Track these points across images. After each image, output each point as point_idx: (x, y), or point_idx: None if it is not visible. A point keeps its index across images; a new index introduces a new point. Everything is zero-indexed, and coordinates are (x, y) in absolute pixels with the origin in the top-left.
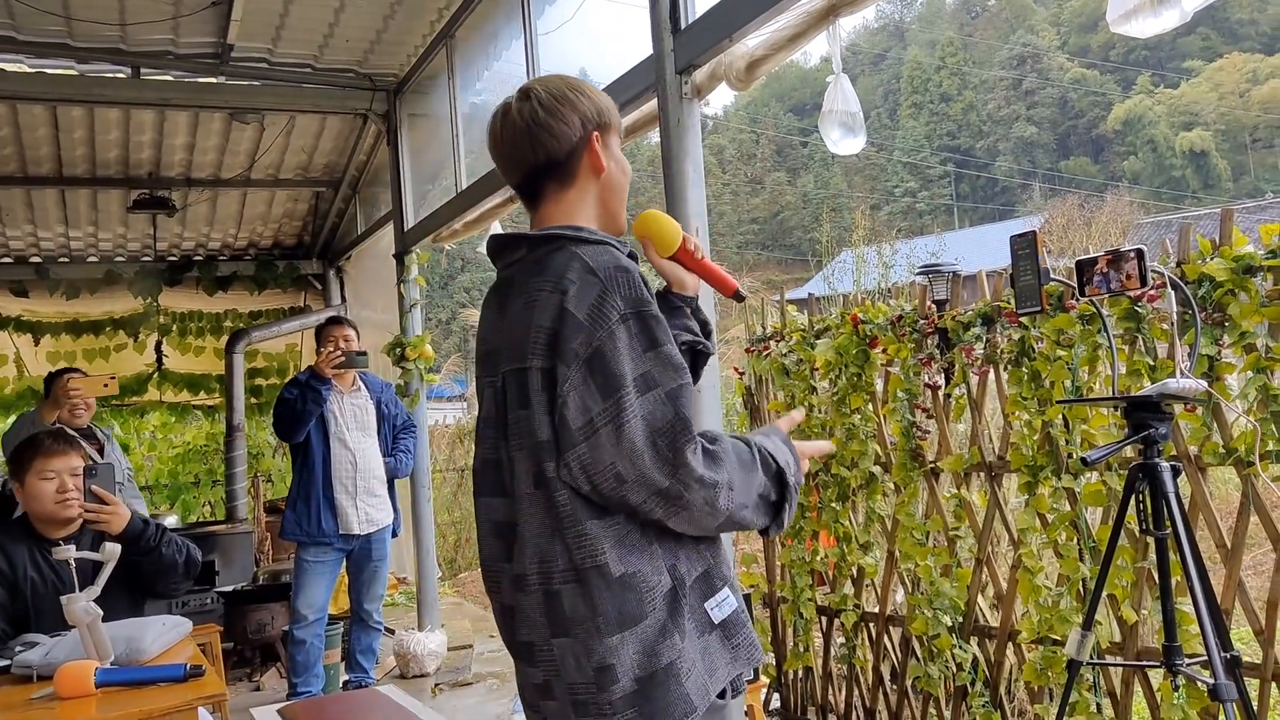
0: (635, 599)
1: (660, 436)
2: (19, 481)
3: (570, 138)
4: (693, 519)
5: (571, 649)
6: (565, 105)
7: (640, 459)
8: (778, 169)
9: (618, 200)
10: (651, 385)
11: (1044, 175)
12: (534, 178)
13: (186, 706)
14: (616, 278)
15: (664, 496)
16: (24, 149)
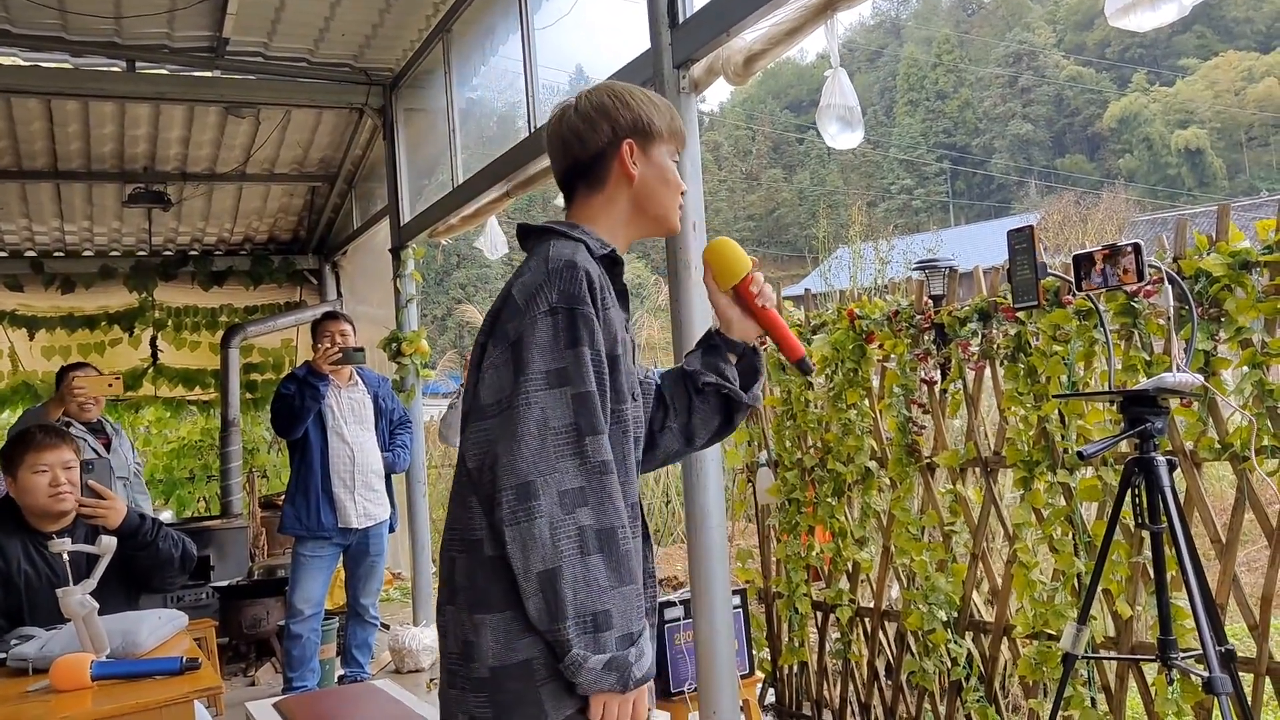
0: (501, 587)
1: (551, 434)
2: (11, 476)
3: (597, 144)
4: (519, 538)
5: (454, 617)
6: (600, 113)
7: (520, 447)
8: (774, 166)
9: (658, 206)
10: (562, 382)
11: (1040, 173)
12: (565, 179)
13: (182, 699)
14: (561, 271)
15: (523, 491)
16: (19, 143)
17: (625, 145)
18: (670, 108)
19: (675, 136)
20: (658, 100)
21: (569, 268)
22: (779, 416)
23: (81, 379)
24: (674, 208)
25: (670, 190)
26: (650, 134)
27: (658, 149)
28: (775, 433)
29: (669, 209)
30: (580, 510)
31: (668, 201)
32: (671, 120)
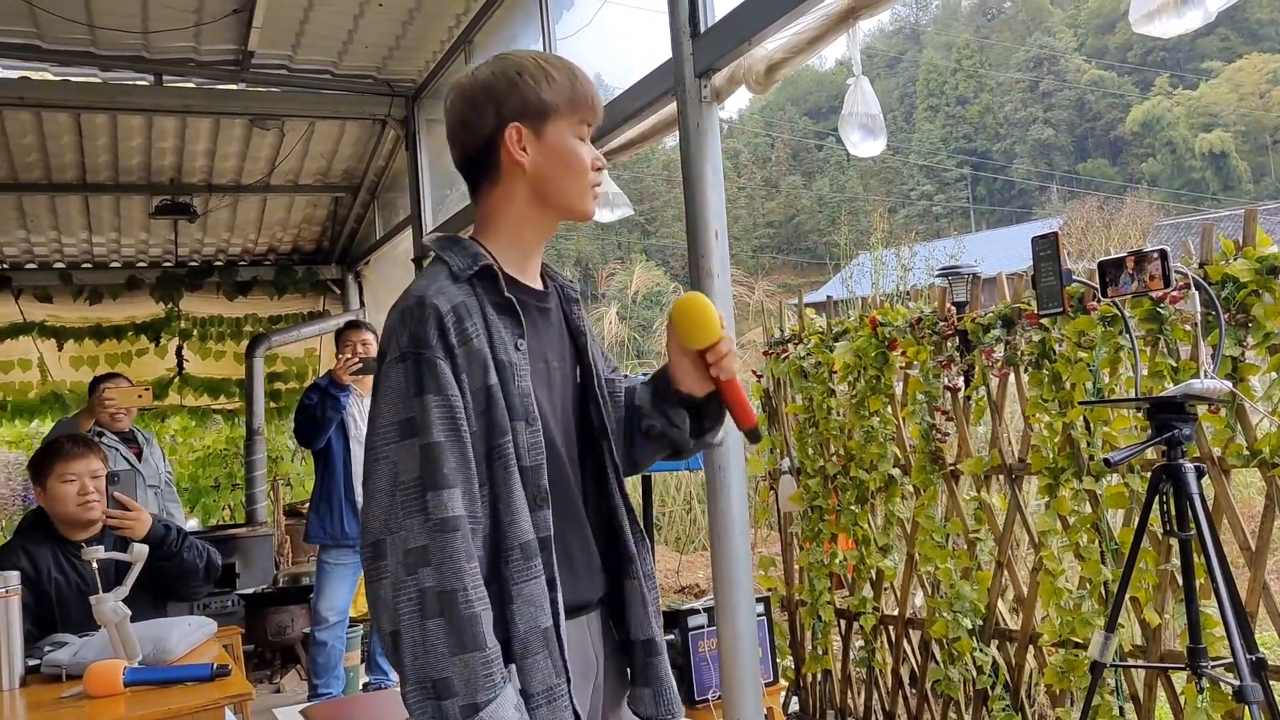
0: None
1: (400, 489)
2: (41, 485)
3: (484, 131)
4: (372, 599)
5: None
6: (485, 95)
7: (373, 504)
8: (793, 172)
9: (559, 194)
10: (411, 433)
11: (1062, 177)
12: (463, 171)
13: (213, 705)
14: (411, 312)
15: (374, 551)
16: (48, 156)
17: (510, 130)
18: (571, 73)
19: (577, 107)
20: (555, 70)
21: (418, 306)
22: (801, 424)
23: (112, 390)
24: (579, 192)
25: (573, 173)
26: (542, 112)
27: (554, 127)
28: (797, 440)
29: (573, 194)
30: (422, 570)
31: (569, 186)
32: (573, 90)
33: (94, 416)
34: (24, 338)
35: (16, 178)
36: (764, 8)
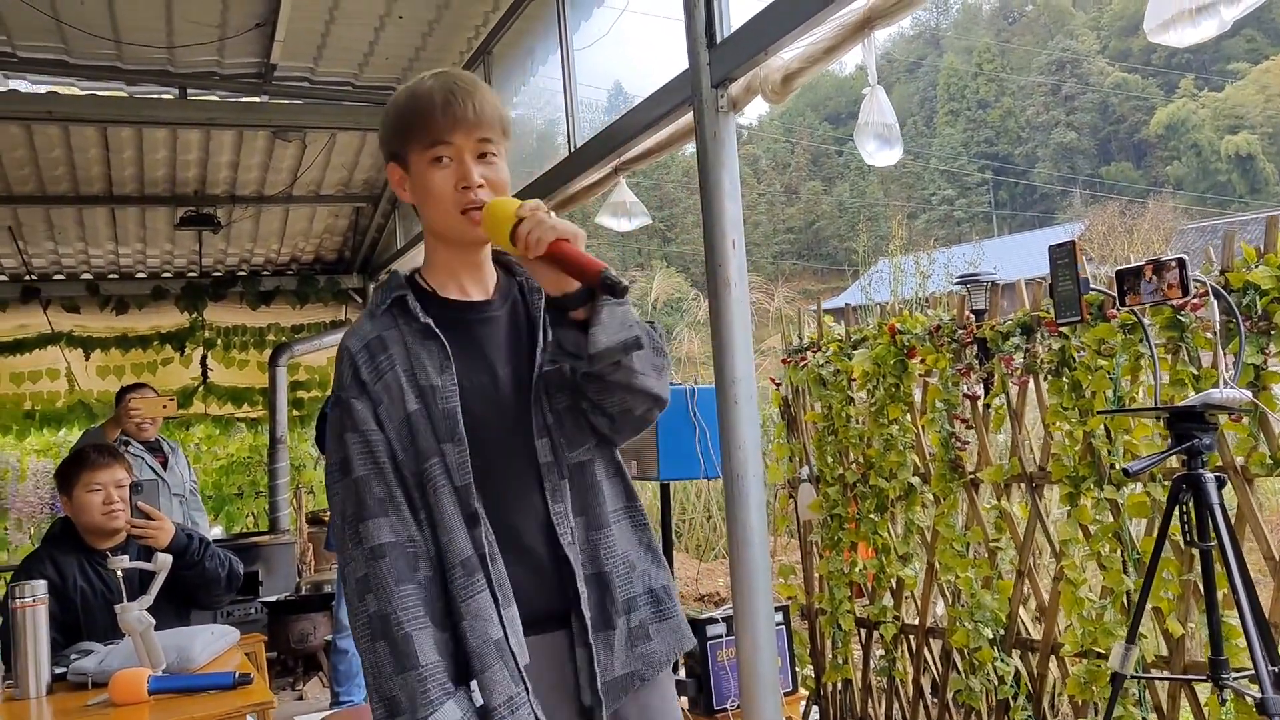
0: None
1: (345, 524)
2: (67, 495)
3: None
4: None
5: None
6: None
7: (335, 536)
8: (813, 178)
9: (435, 222)
10: (345, 471)
11: (1084, 181)
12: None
13: (236, 714)
14: (337, 356)
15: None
16: (75, 169)
17: (390, 171)
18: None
19: (423, 132)
20: (406, 98)
21: (339, 350)
22: (820, 432)
23: (137, 400)
24: (448, 216)
25: (433, 201)
26: (399, 150)
27: (414, 160)
28: (817, 448)
29: (444, 220)
30: (367, 597)
31: (438, 213)
32: (413, 117)
33: (120, 426)
34: (52, 348)
35: (45, 190)
36: (780, 18)
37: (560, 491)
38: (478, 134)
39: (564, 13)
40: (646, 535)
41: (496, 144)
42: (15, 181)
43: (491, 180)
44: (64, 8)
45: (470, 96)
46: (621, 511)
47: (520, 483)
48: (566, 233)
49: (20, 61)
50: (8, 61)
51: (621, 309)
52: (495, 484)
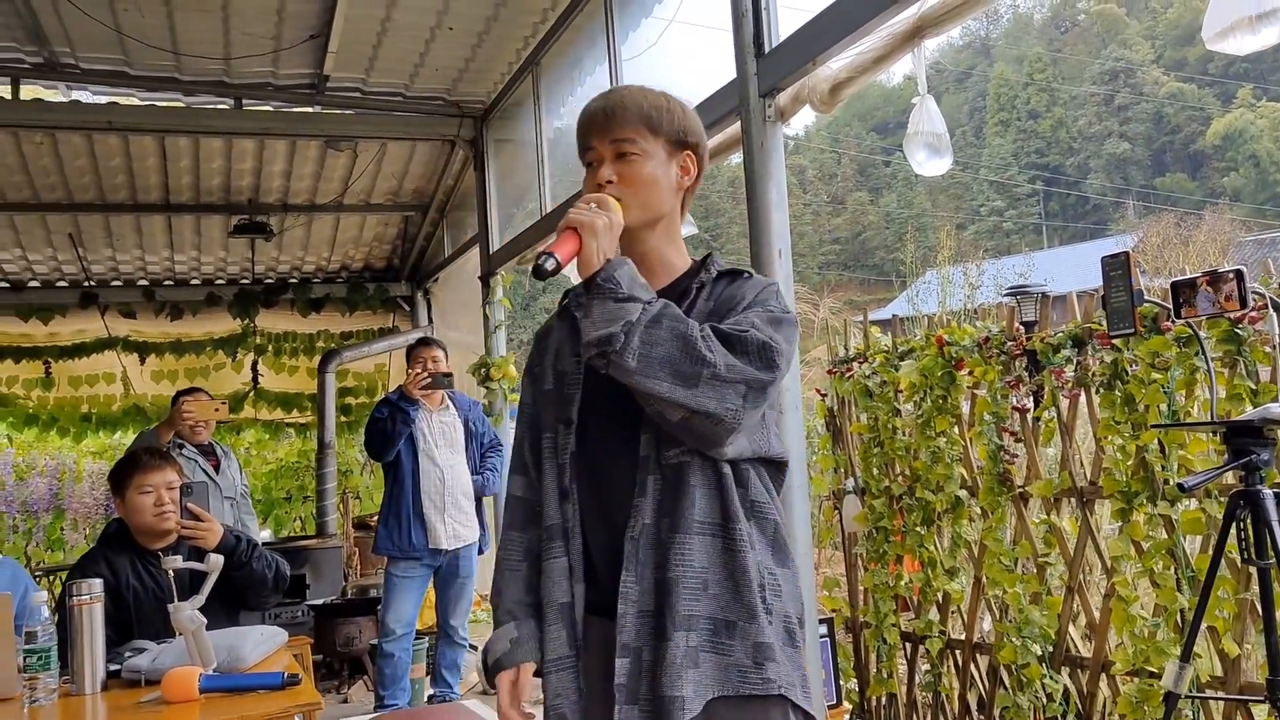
0: None
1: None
2: (120, 497)
3: None
4: None
5: None
6: None
7: None
8: (860, 188)
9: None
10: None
11: (1138, 192)
12: None
13: (284, 714)
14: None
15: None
16: (134, 178)
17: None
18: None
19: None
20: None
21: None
22: (866, 443)
23: (190, 403)
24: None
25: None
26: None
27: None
28: (862, 459)
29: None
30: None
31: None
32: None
33: (174, 428)
34: (109, 352)
35: (104, 198)
36: (829, 28)
37: (645, 486)
38: (612, 135)
39: (612, 23)
40: (734, 562)
41: (639, 143)
42: (76, 190)
43: (624, 175)
44: (126, 21)
45: (607, 100)
46: (714, 527)
47: (619, 474)
48: (570, 220)
49: (83, 73)
50: (70, 72)
51: (618, 304)
52: (599, 470)
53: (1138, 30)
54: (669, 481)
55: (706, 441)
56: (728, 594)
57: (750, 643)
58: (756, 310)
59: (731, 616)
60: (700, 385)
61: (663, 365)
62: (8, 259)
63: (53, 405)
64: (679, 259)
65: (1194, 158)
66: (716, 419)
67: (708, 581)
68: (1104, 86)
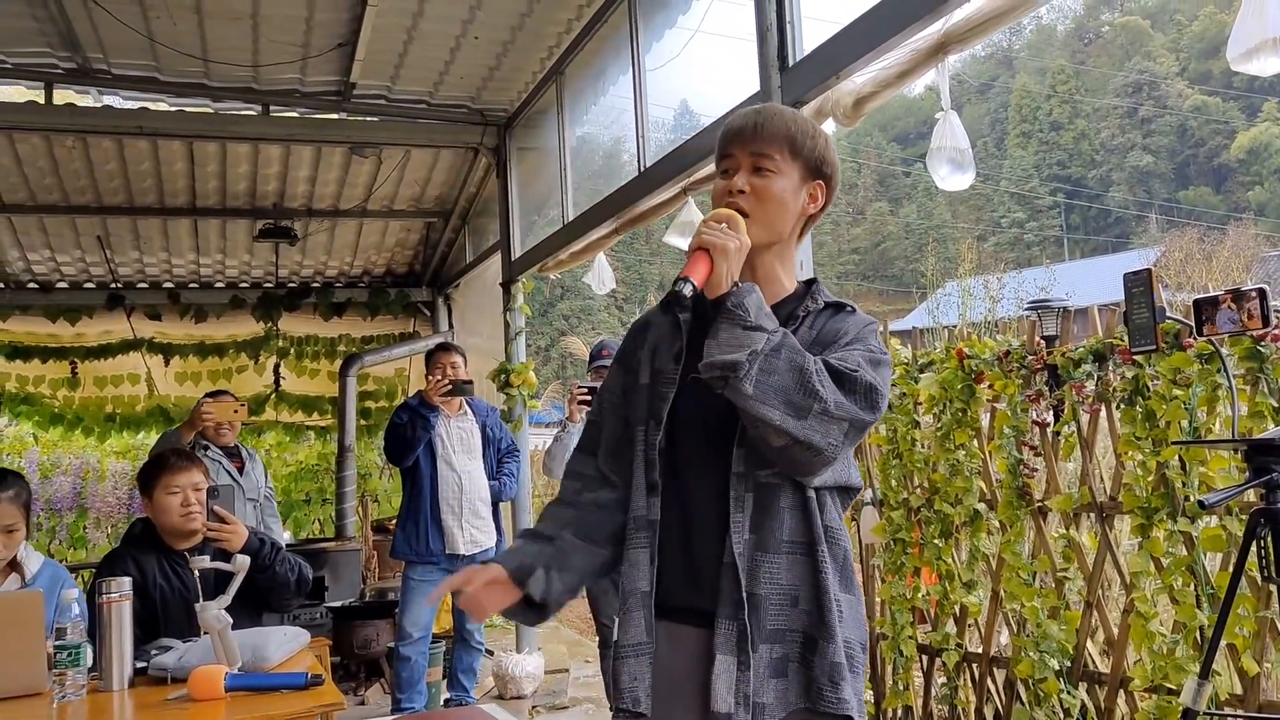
0: None
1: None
2: (147, 496)
3: None
4: None
5: None
6: None
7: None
8: (879, 199)
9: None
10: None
11: (1161, 206)
12: None
13: (308, 714)
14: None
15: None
16: (162, 182)
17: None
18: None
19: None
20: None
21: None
22: (885, 455)
23: (210, 405)
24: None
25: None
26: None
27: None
28: (881, 471)
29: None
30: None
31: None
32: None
33: (195, 430)
34: (134, 353)
35: (133, 202)
36: (853, 42)
37: (743, 502)
38: (753, 148)
39: (636, 34)
40: (820, 584)
41: (777, 160)
42: (106, 193)
43: (757, 188)
44: (157, 28)
45: (757, 115)
46: (801, 547)
47: (708, 482)
48: (703, 241)
49: (114, 78)
50: (102, 78)
51: (745, 331)
52: (688, 474)
53: (1162, 42)
54: (760, 501)
55: (800, 469)
56: (811, 614)
57: (828, 662)
58: (859, 349)
59: (814, 634)
60: (809, 418)
61: (777, 394)
62: (37, 260)
63: (78, 405)
64: (788, 280)
65: (1218, 171)
66: (817, 451)
67: (795, 599)
68: (1127, 99)
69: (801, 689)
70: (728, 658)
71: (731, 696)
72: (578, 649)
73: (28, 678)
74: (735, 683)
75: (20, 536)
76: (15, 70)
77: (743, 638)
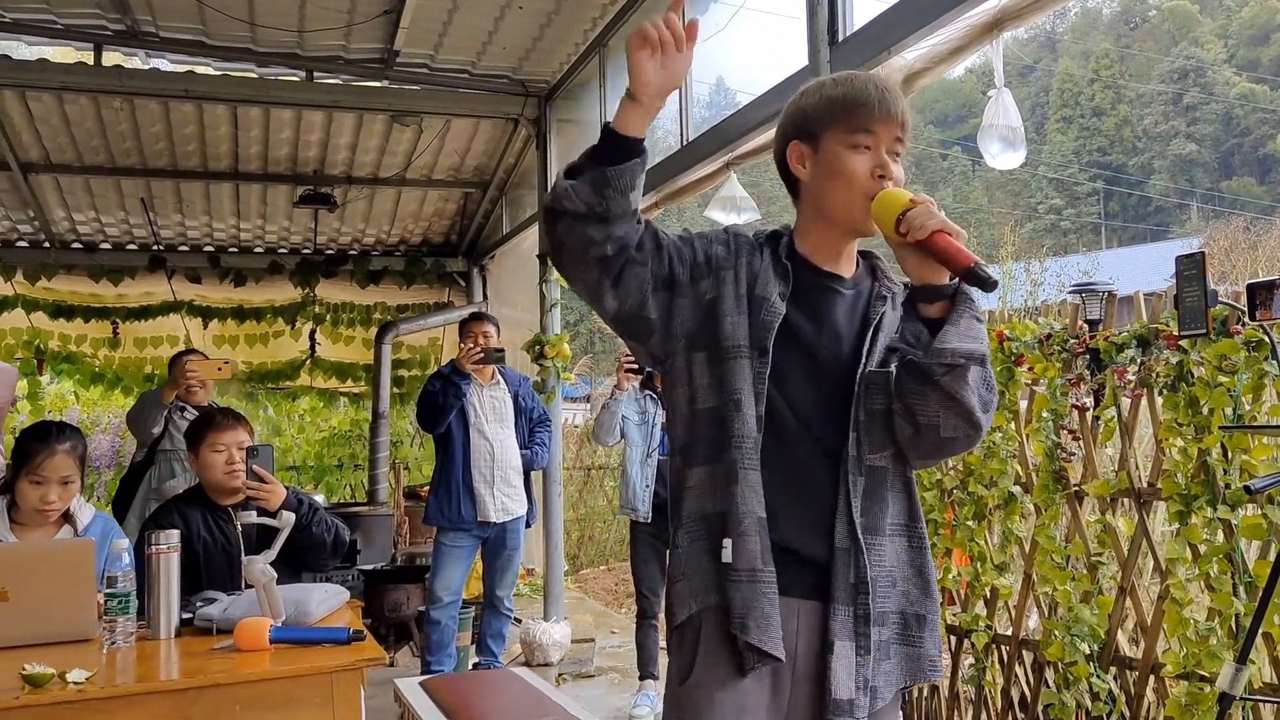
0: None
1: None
2: (194, 453)
3: (779, 152)
4: None
5: None
6: (781, 119)
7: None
8: (915, 181)
9: (832, 206)
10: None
11: (1203, 195)
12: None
13: (350, 667)
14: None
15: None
16: (205, 146)
17: (791, 148)
18: (850, 83)
19: (851, 115)
20: (835, 83)
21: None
22: None
23: (194, 363)
24: (852, 204)
25: (841, 184)
26: (810, 129)
27: (826, 141)
28: None
29: (843, 206)
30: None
31: (840, 198)
32: (846, 100)
33: (176, 389)
34: (174, 315)
35: (176, 165)
36: (906, 18)
37: (858, 486)
38: (896, 131)
39: (682, 8)
40: (920, 559)
41: (904, 145)
42: (150, 155)
43: (895, 176)
44: None
45: (898, 98)
46: (901, 528)
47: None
48: (949, 227)
49: (162, 41)
50: (150, 40)
51: (979, 324)
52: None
53: (1210, 28)
54: (870, 485)
55: (945, 455)
56: (917, 590)
57: (935, 635)
58: None
59: (922, 611)
60: (988, 413)
61: (976, 386)
62: (82, 220)
63: (118, 365)
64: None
65: (1263, 162)
66: (973, 442)
67: (896, 579)
68: (1172, 85)
69: (907, 667)
70: (846, 643)
71: (853, 681)
72: (603, 620)
73: (79, 624)
74: (855, 668)
75: (75, 489)
76: (66, 31)
77: (861, 623)
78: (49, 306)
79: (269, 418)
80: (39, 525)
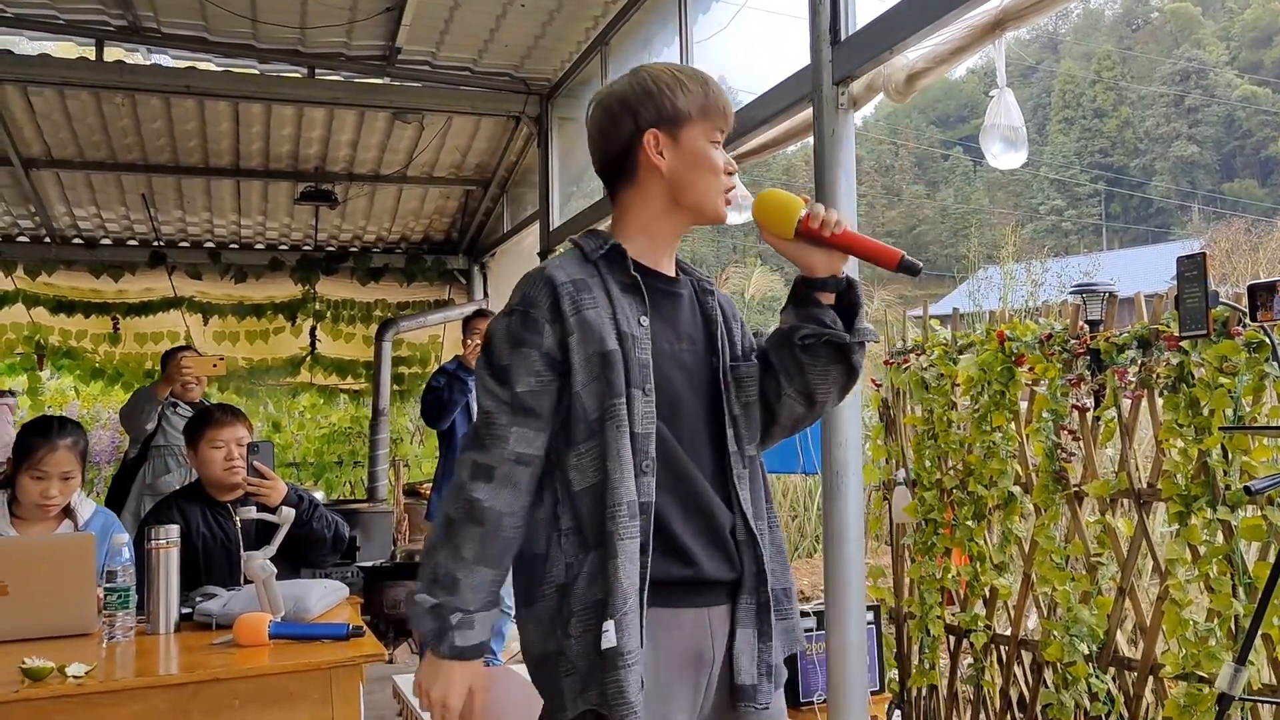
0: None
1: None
2: (193, 449)
3: (621, 138)
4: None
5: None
6: (621, 106)
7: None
8: (916, 182)
9: (693, 194)
10: (506, 381)
11: (1204, 197)
12: (602, 174)
13: (349, 663)
14: (531, 279)
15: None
16: (207, 142)
17: (649, 137)
18: (704, 82)
19: (710, 114)
20: (689, 79)
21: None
22: (919, 435)
23: (189, 359)
24: (712, 192)
25: (705, 174)
26: (677, 119)
27: (688, 133)
28: (915, 451)
29: (705, 194)
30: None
31: (703, 186)
32: (705, 98)
33: (170, 385)
34: (174, 311)
35: (178, 161)
36: (908, 17)
37: (743, 480)
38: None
39: (684, 6)
40: (778, 535)
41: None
42: (151, 151)
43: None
44: None
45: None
46: (766, 509)
47: (705, 459)
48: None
49: (164, 37)
50: (152, 36)
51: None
52: (681, 450)
53: (1212, 30)
54: (750, 475)
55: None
56: (779, 565)
57: (797, 603)
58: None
59: (787, 584)
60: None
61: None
62: (83, 216)
63: (118, 360)
64: None
65: (1265, 164)
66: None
67: (773, 557)
68: (1174, 87)
69: (785, 640)
70: (748, 630)
71: (754, 667)
72: None
73: (79, 618)
74: (758, 653)
75: (76, 484)
76: (68, 26)
77: (763, 609)
78: (49, 302)
79: (269, 414)
80: (39, 520)
